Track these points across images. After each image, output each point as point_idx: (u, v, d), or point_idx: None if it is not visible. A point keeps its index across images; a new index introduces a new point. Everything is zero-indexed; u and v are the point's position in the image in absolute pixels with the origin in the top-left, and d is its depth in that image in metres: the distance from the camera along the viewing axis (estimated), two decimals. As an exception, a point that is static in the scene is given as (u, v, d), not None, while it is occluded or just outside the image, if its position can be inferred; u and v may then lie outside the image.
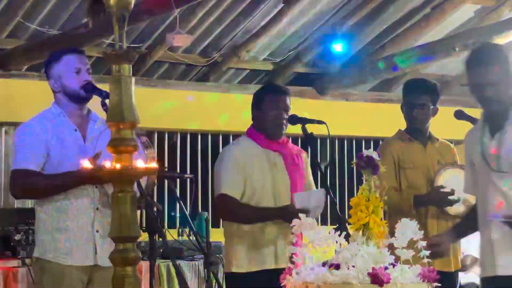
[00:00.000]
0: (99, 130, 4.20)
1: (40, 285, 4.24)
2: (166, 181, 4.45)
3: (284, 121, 4.68)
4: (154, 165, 2.57)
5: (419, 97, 5.02)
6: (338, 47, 8.45)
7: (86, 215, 4.16)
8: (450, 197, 4.87)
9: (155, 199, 8.17)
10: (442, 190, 4.89)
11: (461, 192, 4.87)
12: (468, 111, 5.09)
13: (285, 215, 4.48)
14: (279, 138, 4.73)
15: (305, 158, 4.81)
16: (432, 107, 5.06)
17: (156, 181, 4.23)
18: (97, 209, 4.18)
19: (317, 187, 4.99)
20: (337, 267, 3.11)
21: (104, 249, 4.11)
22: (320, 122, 4.47)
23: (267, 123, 4.71)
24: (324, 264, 3.19)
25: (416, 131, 5.10)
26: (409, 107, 5.05)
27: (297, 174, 4.72)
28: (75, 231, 4.14)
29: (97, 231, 4.16)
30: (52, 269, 4.14)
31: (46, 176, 4.16)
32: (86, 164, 2.51)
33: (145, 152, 3.90)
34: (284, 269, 3.31)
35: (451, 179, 4.92)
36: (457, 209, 4.93)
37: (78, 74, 4.23)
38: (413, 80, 5.55)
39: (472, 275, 7.94)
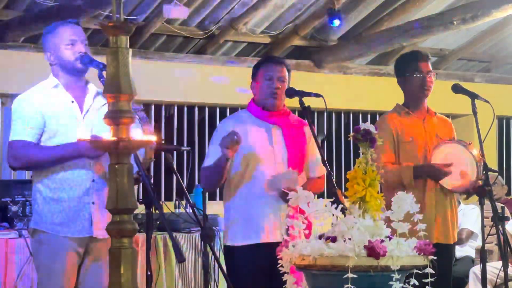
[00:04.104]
0: (100, 104, 4.20)
1: (36, 255, 4.26)
2: (163, 154, 4.44)
3: (277, 91, 4.66)
4: (151, 137, 2.56)
5: (427, 65, 5.07)
6: (335, 21, 8.41)
7: (82, 186, 4.17)
8: (448, 171, 4.89)
9: (152, 172, 8.20)
10: (439, 164, 4.90)
11: (460, 167, 4.88)
12: (465, 85, 5.09)
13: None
14: (275, 109, 4.72)
15: (307, 130, 4.77)
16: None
17: (153, 157, 4.23)
18: (93, 180, 4.18)
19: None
20: (334, 240, 3.12)
21: (100, 221, 4.12)
22: (317, 95, 4.46)
23: (260, 93, 4.71)
24: (320, 237, 3.20)
25: (415, 104, 5.10)
26: (418, 75, 5.03)
27: (296, 147, 4.71)
28: (71, 202, 4.16)
29: (93, 202, 4.17)
30: (48, 240, 4.15)
31: (42, 148, 4.17)
32: (82, 134, 2.51)
33: (143, 128, 3.90)
34: (278, 242, 3.32)
35: (450, 154, 4.92)
36: (455, 183, 4.94)
37: (73, 46, 4.22)
38: (411, 51, 5.56)
39: (468, 249, 7.97)
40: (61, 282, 4.15)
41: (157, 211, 4.19)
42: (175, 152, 8.17)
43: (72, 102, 4.24)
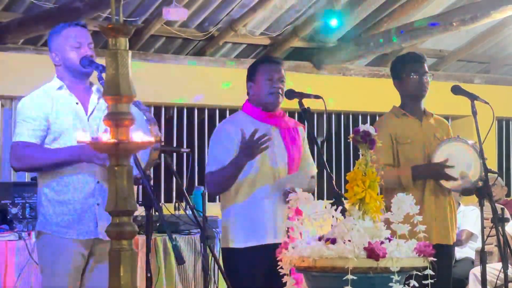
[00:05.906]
0: (104, 105, 4.19)
1: (41, 257, 4.25)
2: (162, 156, 4.43)
3: (278, 91, 4.64)
4: (150, 138, 2.55)
5: (423, 66, 5.08)
6: (334, 22, 8.41)
7: (87, 188, 4.17)
8: (449, 172, 4.88)
9: (151, 174, 8.19)
10: (441, 163, 4.90)
11: (460, 167, 4.89)
12: (464, 86, 5.09)
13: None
14: (274, 109, 4.70)
15: (302, 131, 4.79)
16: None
17: (157, 158, 4.21)
18: (98, 182, 4.18)
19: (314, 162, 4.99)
20: (333, 241, 3.12)
21: (105, 223, 4.10)
22: (317, 96, 4.46)
23: (260, 93, 4.67)
24: (320, 238, 3.20)
25: (412, 105, 5.10)
26: (414, 76, 5.04)
27: (294, 148, 4.71)
28: (76, 204, 4.15)
29: (98, 204, 4.17)
30: (53, 242, 4.15)
31: (46, 150, 4.16)
32: (82, 137, 2.50)
33: (149, 129, 3.88)
34: (280, 243, 3.32)
35: (451, 153, 4.92)
36: (454, 183, 4.94)
37: (79, 48, 4.21)
38: (408, 53, 5.56)
39: (468, 250, 7.97)
40: (66, 283, 4.14)
41: (156, 213, 4.19)
42: (174, 154, 8.17)
43: (77, 103, 4.23)
